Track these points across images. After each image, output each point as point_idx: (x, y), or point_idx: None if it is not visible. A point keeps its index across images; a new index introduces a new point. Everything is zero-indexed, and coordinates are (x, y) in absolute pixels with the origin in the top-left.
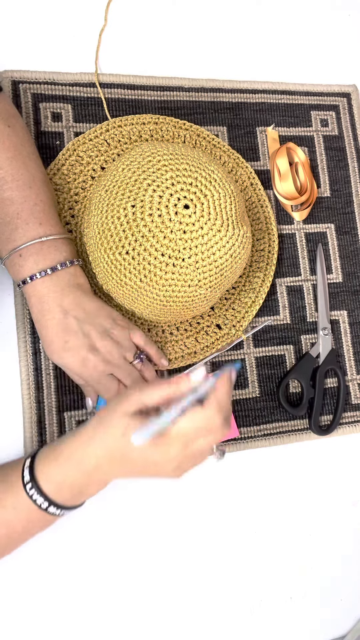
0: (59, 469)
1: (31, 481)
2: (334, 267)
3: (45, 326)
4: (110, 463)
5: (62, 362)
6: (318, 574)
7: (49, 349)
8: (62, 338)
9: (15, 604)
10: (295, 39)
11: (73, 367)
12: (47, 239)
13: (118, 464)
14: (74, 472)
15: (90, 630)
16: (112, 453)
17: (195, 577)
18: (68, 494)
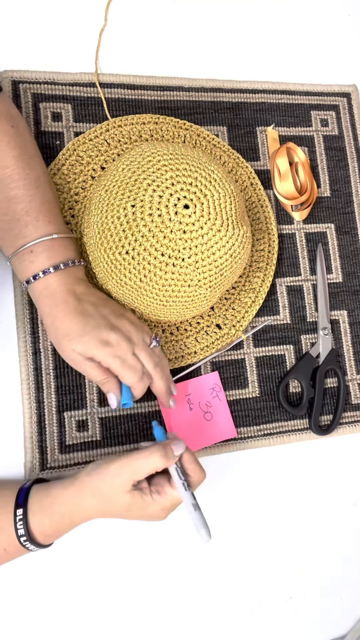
0: (53, 526)
1: (26, 535)
2: (334, 267)
3: (60, 317)
4: (100, 516)
5: (83, 348)
6: (318, 574)
7: (66, 338)
8: (80, 322)
9: (15, 611)
10: (295, 38)
11: (95, 351)
12: (57, 237)
13: (107, 517)
14: (65, 527)
15: (91, 630)
16: (112, 515)
17: (195, 577)
18: (54, 538)
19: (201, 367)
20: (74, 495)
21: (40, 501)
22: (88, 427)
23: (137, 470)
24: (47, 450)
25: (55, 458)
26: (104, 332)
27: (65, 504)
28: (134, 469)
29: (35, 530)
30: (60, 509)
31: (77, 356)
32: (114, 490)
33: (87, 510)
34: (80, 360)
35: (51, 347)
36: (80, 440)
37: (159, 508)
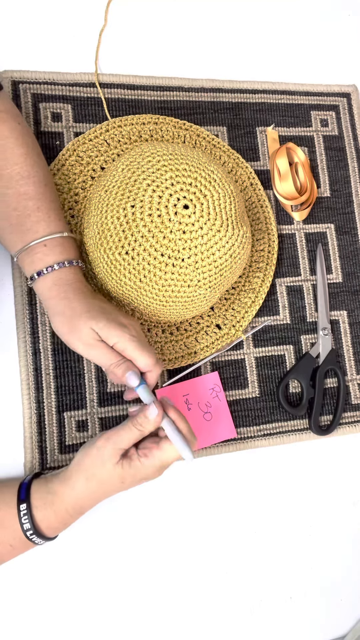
0: (58, 519)
1: (32, 529)
2: (334, 267)
3: (78, 298)
4: (105, 496)
5: (105, 323)
6: (318, 574)
7: (86, 315)
8: (98, 303)
9: (16, 609)
10: (295, 39)
11: (115, 330)
12: (67, 235)
13: (111, 494)
14: (69, 518)
15: (91, 630)
16: (111, 493)
17: (196, 577)
18: (61, 530)
19: (201, 367)
20: (72, 487)
21: (43, 498)
22: (88, 427)
23: (119, 442)
24: (47, 451)
25: (55, 458)
26: (121, 316)
27: (66, 498)
28: (116, 441)
29: (41, 524)
30: (64, 504)
31: (92, 336)
32: (104, 466)
33: (87, 497)
34: (94, 342)
35: (51, 348)
36: (80, 441)
37: (150, 470)
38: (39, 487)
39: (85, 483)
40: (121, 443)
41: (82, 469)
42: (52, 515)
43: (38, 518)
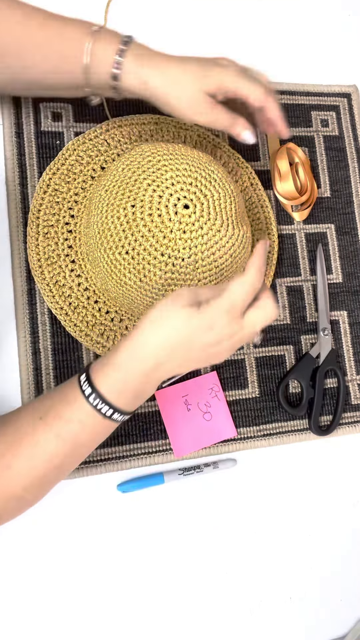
0: (118, 376)
1: (93, 392)
2: (334, 267)
3: (168, 60)
4: (171, 356)
5: (208, 69)
6: (318, 574)
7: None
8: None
9: (15, 606)
10: (296, 39)
11: (215, 66)
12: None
13: (178, 356)
14: (134, 376)
15: (91, 630)
16: (174, 346)
17: (195, 577)
18: (130, 398)
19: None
20: (133, 335)
21: (101, 361)
22: None
23: (198, 289)
24: None
25: None
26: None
27: (125, 348)
28: (194, 289)
29: (102, 387)
30: (124, 356)
31: (206, 100)
32: (173, 305)
33: (146, 341)
34: (210, 104)
35: (51, 348)
36: None
37: (219, 312)
38: (99, 358)
39: (148, 324)
40: (199, 291)
41: (148, 313)
42: (111, 373)
43: (98, 381)
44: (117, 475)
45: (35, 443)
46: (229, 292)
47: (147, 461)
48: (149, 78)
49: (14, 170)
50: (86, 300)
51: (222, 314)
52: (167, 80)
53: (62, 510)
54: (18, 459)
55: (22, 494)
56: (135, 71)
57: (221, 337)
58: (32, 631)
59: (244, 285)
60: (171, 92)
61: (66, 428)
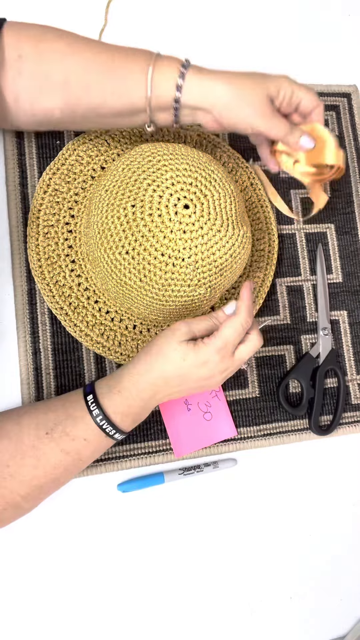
0: (123, 401)
1: (101, 414)
2: (334, 267)
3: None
4: (167, 386)
5: (271, 79)
6: (318, 574)
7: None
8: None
9: (15, 606)
10: (296, 39)
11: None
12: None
13: (175, 385)
14: (135, 402)
15: (91, 630)
16: (170, 378)
17: (196, 577)
18: (130, 421)
19: None
20: (134, 364)
21: (107, 385)
22: None
23: (193, 324)
24: None
25: None
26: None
27: (127, 376)
28: (190, 323)
29: (109, 409)
30: (126, 383)
31: (269, 104)
32: (170, 340)
33: (146, 372)
34: (270, 111)
35: (51, 347)
36: None
37: (211, 351)
38: (102, 380)
39: (146, 357)
40: (194, 326)
41: (148, 345)
42: (116, 398)
43: (105, 404)
44: (117, 475)
45: (41, 455)
46: (222, 333)
47: (147, 461)
48: (212, 86)
49: (14, 170)
50: (86, 300)
51: (216, 352)
52: (231, 86)
53: (62, 510)
54: (22, 469)
55: (21, 502)
56: (198, 82)
57: (214, 372)
58: (32, 631)
59: (236, 327)
60: (235, 97)
61: (71, 444)
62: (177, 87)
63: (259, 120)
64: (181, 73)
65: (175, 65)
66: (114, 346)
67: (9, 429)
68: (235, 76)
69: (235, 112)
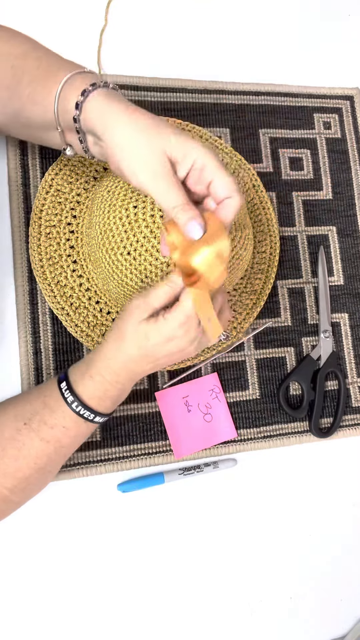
0: (96, 386)
1: (76, 400)
2: (336, 269)
3: (137, 111)
4: (139, 364)
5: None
6: (318, 574)
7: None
8: (159, 118)
9: (15, 605)
10: (299, 41)
11: (187, 137)
12: (87, 70)
13: (146, 364)
14: (110, 384)
15: (91, 630)
16: (139, 358)
17: (196, 578)
18: (109, 403)
19: (201, 368)
20: (101, 348)
21: (79, 371)
22: None
23: (149, 296)
24: None
25: None
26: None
27: (98, 361)
28: (146, 295)
29: (83, 395)
30: (97, 368)
31: (166, 163)
32: (131, 319)
33: (115, 356)
34: (166, 171)
35: (52, 348)
36: None
37: (174, 325)
38: (75, 366)
39: (113, 341)
40: (152, 298)
41: (113, 328)
42: (90, 383)
43: (79, 390)
44: (117, 475)
45: (21, 446)
46: (182, 306)
47: (147, 462)
48: (112, 112)
49: (17, 170)
50: (87, 301)
51: (179, 327)
52: (132, 126)
53: (63, 510)
54: (4, 460)
55: (8, 495)
56: (101, 104)
57: (182, 345)
58: (32, 631)
59: (192, 302)
60: (131, 139)
61: (50, 432)
62: (76, 107)
63: (148, 179)
64: (85, 90)
65: (78, 91)
66: None
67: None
68: (145, 116)
69: (128, 160)
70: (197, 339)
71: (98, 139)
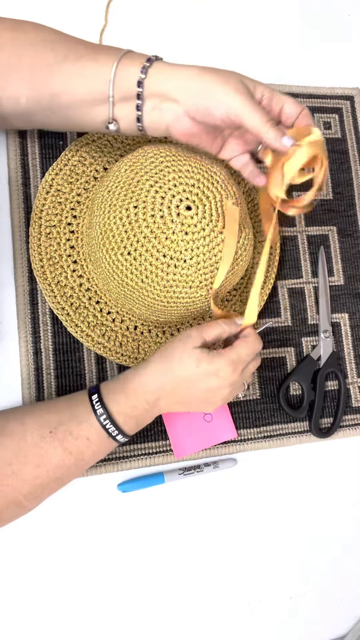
0: (127, 402)
1: (105, 413)
2: (336, 269)
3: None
4: (173, 393)
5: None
6: (318, 574)
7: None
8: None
9: (15, 606)
10: (299, 41)
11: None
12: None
13: (182, 391)
14: (140, 404)
15: (91, 630)
16: (180, 382)
17: (196, 577)
18: (133, 424)
19: None
20: (143, 367)
21: (113, 385)
22: None
23: (205, 330)
24: None
25: None
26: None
27: (136, 377)
28: (203, 329)
29: (112, 409)
30: (133, 384)
31: (247, 90)
32: (185, 346)
33: (157, 373)
34: (247, 93)
35: (52, 348)
36: None
37: (226, 360)
38: (108, 382)
39: (158, 360)
40: (204, 332)
41: (162, 349)
42: (122, 398)
43: (109, 403)
44: (117, 475)
45: (43, 454)
46: (237, 349)
47: (147, 462)
48: (181, 70)
49: (17, 170)
50: (88, 301)
51: (229, 364)
52: (202, 71)
53: (63, 510)
54: (25, 467)
55: (22, 501)
56: (165, 69)
57: (223, 384)
58: (32, 631)
59: (250, 347)
60: (207, 80)
61: (74, 443)
62: (142, 71)
63: (237, 101)
64: (144, 66)
65: (141, 59)
66: (115, 347)
67: (13, 427)
68: (207, 68)
69: (208, 94)
70: (234, 385)
71: (172, 101)
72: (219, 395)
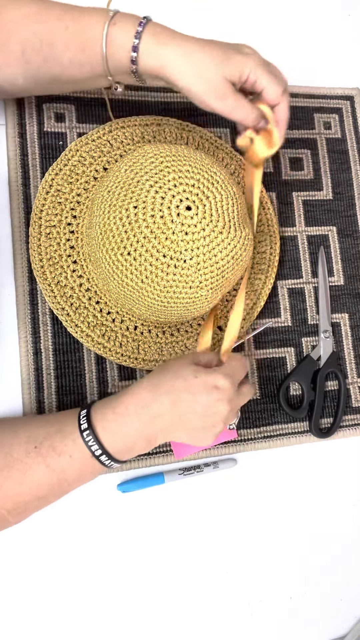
0: (117, 418)
1: (89, 428)
2: (336, 269)
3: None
4: (170, 412)
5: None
6: (318, 574)
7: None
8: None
9: (15, 606)
10: (299, 41)
11: (238, 53)
12: (111, 15)
13: (181, 408)
14: (132, 422)
15: (91, 630)
16: (178, 395)
17: (196, 577)
18: (121, 445)
19: None
20: (141, 381)
21: (104, 402)
22: None
23: (196, 355)
24: None
25: None
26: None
27: (125, 392)
28: (194, 353)
29: (98, 425)
30: (123, 397)
31: (227, 86)
32: (181, 361)
33: (153, 387)
34: (231, 91)
35: (52, 348)
36: None
37: (223, 374)
38: (102, 400)
39: (155, 374)
40: (198, 356)
41: (153, 371)
42: (109, 413)
43: (96, 419)
44: (117, 475)
45: (27, 469)
46: (230, 363)
47: (147, 462)
48: (167, 59)
49: (17, 171)
50: (88, 301)
51: (226, 376)
52: (187, 61)
53: (62, 510)
54: (7, 482)
55: (6, 515)
56: (153, 52)
57: (223, 397)
58: (32, 631)
59: (241, 363)
60: (190, 74)
61: (56, 459)
62: (132, 50)
63: (215, 103)
64: (137, 33)
65: (131, 28)
66: (115, 347)
67: (4, 439)
68: (197, 46)
69: (189, 90)
70: (233, 403)
71: (156, 79)
72: (219, 412)
